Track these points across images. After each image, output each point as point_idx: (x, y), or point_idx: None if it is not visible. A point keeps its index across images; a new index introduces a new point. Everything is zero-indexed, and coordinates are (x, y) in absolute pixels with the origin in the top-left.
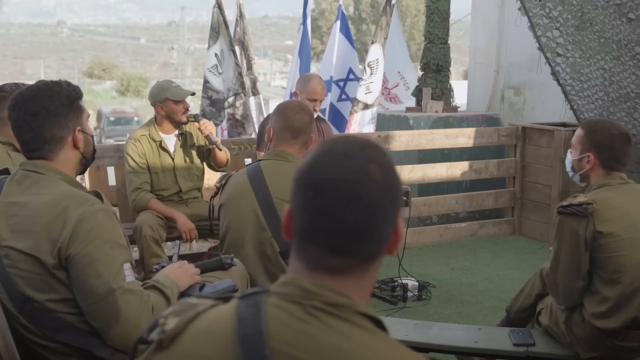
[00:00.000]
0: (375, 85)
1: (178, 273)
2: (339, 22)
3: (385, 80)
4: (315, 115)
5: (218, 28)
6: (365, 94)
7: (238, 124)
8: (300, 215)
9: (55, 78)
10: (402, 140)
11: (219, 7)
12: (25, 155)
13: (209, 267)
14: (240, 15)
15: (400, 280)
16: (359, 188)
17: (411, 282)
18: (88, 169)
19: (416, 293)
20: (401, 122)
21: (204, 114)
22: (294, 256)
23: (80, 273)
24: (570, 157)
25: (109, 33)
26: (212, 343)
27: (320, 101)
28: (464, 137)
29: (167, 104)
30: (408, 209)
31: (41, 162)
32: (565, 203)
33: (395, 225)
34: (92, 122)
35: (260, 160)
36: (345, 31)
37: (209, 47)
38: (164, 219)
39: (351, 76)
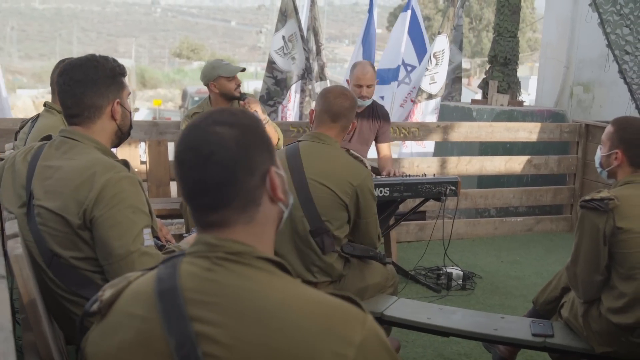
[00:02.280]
0: (440, 76)
1: None
2: (409, 12)
3: None
4: (370, 101)
5: (287, 12)
6: (430, 84)
7: (304, 107)
8: (179, 187)
9: (146, 57)
10: (461, 131)
11: None
12: (66, 120)
13: None
14: (312, 1)
15: (445, 269)
16: (206, 149)
17: (456, 272)
18: (147, 142)
19: (460, 282)
20: (464, 114)
21: (268, 92)
22: (194, 224)
23: (102, 234)
24: (599, 153)
25: (201, 15)
26: (137, 302)
27: (368, 86)
28: (524, 132)
29: (219, 81)
30: (457, 198)
31: (79, 130)
32: (587, 197)
33: (265, 173)
34: (177, 101)
35: (299, 140)
36: (414, 20)
37: (276, 30)
38: None
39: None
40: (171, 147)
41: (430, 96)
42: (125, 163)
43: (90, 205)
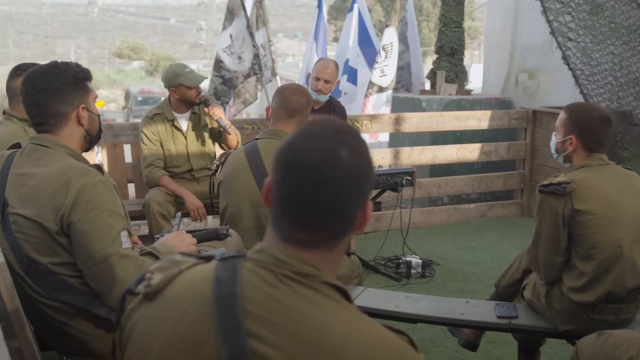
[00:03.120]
0: (390, 69)
1: (175, 242)
2: (356, 6)
3: None
4: (326, 97)
5: (234, 10)
6: (380, 77)
7: (246, 103)
8: (276, 189)
9: (85, 58)
10: (412, 122)
11: None
12: (34, 128)
13: (205, 237)
14: None
15: (404, 258)
16: (328, 171)
17: (415, 260)
18: (103, 145)
19: (420, 270)
20: (414, 105)
21: (215, 92)
22: (270, 225)
23: (80, 239)
24: (554, 140)
25: (139, 13)
26: (191, 299)
27: (326, 81)
28: (474, 120)
29: (181, 88)
30: (412, 188)
31: (48, 136)
32: (545, 182)
33: (364, 207)
34: (120, 102)
35: (257, 138)
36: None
37: (224, 28)
38: (173, 196)
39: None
40: (127, 148)
41: (381, 89)
42: (98, 167)
43: (67, 211)
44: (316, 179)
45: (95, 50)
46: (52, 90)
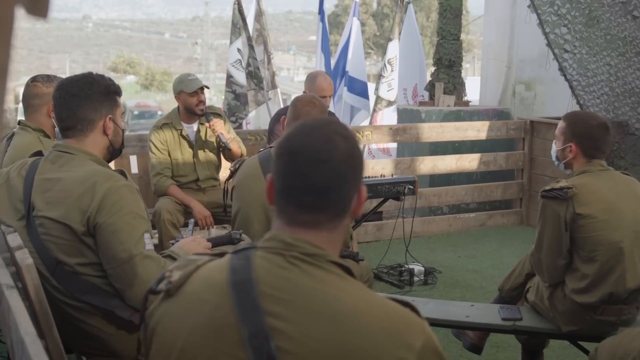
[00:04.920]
0: (395, 82)
1: (191, 245)
2: (355, 19)
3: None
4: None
5: (238, 24)
6: (388, 91)
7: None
8: (279, 178)
9: (80, 72)
10: (412, 132)
11: (238, 3)
12: (61, 132)
13: (219, 242)
14: (260, 11)
15: (407, 266)
16: (326, 154)
17: (417, 268)
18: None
19: (422, 278)
20: (414, 116)
21: (229, 108)
22: (276, 215)
23: (105, 240)
24: (554, 148)
25: (134, 28)
26: (210, 289)
27: (329, 96)
28: (473, 130)
29: (182, 95)
30: (414, 197)
31: (72, 143)
32: (547, 187)
33: (359, 190)
34: None
35: (271, 147)
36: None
37: (231, 43)
38: (183, 205)
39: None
40: (133, 160)
41: (389, 103)
42: (122, 172)
43: (93, 213)
44: (316, 161)
45: (90, 65)
46: (84, 97)
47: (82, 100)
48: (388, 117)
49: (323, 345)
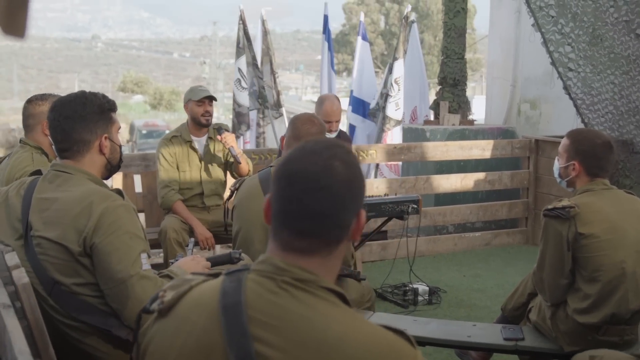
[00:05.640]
0: (402, 101)
1: (190, 265)
2: (359, 38)
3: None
4: (335, 134)
5: (242, 44)
6: (395, 110)
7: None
8: (275, 202)
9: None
10: (417, 151)
11: (243, 23)
12: (57, 153)
13: (219, 261)
14: (265, 30)
15: (411, 285)
16: (324, 180)
17: (422, 287)
18: (114, 175)
19: (426, 297)
20: (418, 135)
21: (233, 124)
22: (270, 238)
23: (102, 260)
24: (557, 165)
25: (143, 47)
26: (200, 310)
27: (337, 121)
28: (477, 149)
29: (190, 104)
30: (418, 216)
31: (70, 163)
32: (550, 206)
33: (358, 215)
34: (124, 135)
35: (271, 166)
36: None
37: (235, 62)
38: (187, 224)
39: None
40: (137, 179)
41: (397, 122)
42: (119, 192)
43: (89, 233)
44: (313, 188)
45: (99, 84)
46: (78, 119)
47: (76, 122)
48: (397, 136)
49: None
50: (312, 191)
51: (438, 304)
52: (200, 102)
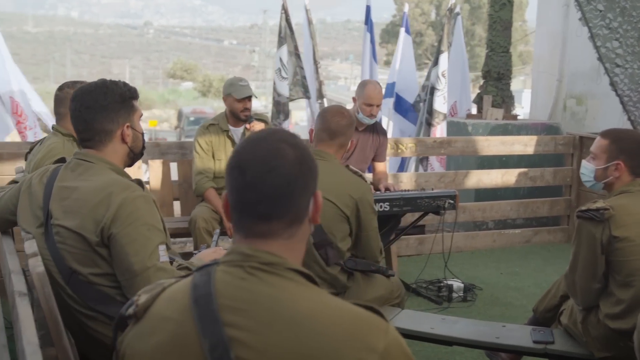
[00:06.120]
0: (447, 95)
1: (211, 257)
2: (402, 30)
3: None
4: (374, 120)
5: (283, 34)
6: (443, 104)
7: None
8: (232, 194)
9: (140, 78)
10: (457, 145)
11: (285, 12)
12: (80, 143)
13: None
14: (309, 20)
15: (446, 281)
16: (273, 162)
17: (457, 284)
18: (151, 163)
19: (461, 294)
20: (460, 129)
21: (272, 115)
22: (234, 230)
23: (119, 251)
24: (591, 167)
25: (194, 34)
26: (173, 306)
27: (377, 105)
28: (520, 145)
29: (229, 99)
30: (455, 211)
31: (92, 152)
32: (584, 208)
33: (315, 196)
34: (172, 121)
35: None
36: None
37: (277, 51)
38: (218, 213)
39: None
40: (173, 167)
41: (445, 116)
42: (139, 182)
43: (107, 223)
44: (263, 170)
45: (150, 71)
46: (99, 109)
47: (97, 112)
48: (444, 130)
49: (282, 351)
50: (263, 174)
51: (473, 302)
52: (241, 100)
